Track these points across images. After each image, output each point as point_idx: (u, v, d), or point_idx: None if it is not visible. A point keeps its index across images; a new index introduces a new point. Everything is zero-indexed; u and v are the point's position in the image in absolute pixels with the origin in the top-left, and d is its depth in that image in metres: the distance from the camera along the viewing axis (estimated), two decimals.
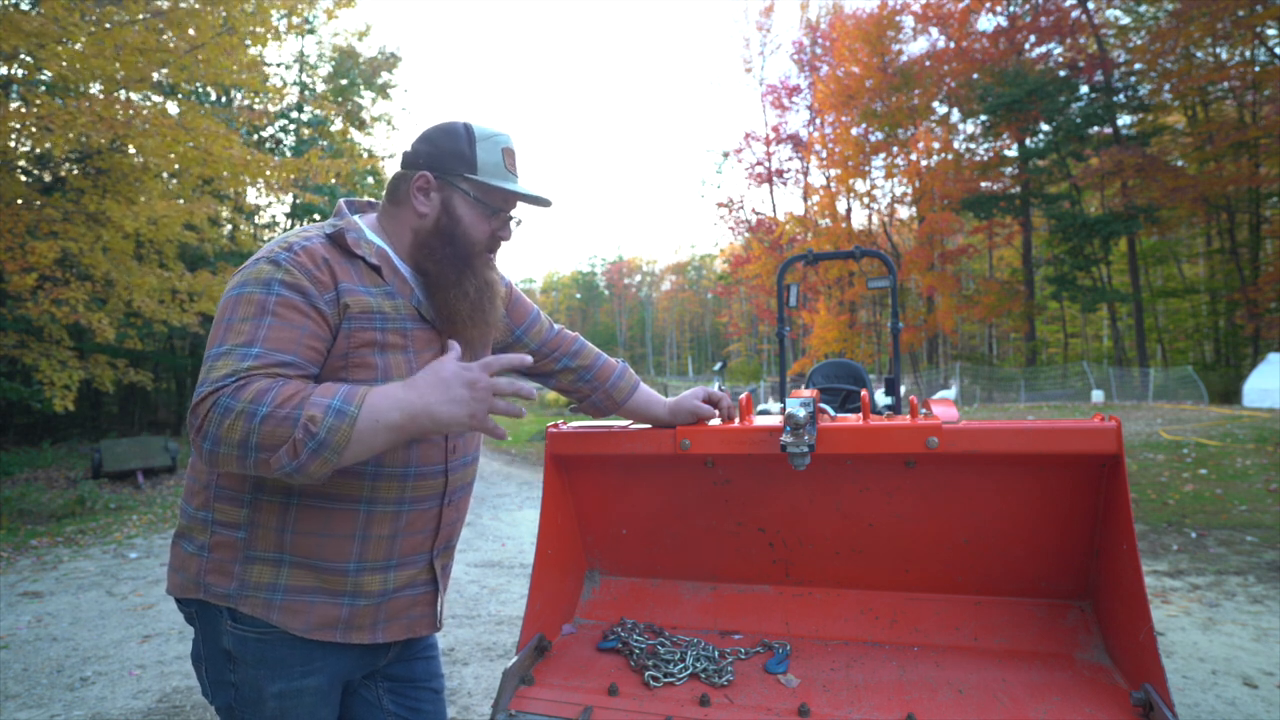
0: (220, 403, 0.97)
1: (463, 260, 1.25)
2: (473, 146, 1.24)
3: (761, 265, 34.59)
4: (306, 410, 0.97)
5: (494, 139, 1.27)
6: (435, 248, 1.25)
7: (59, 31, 6.85)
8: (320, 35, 21.99)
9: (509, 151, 1.28)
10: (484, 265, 1.29)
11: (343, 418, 0.98)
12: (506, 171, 1.27)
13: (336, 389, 1.02)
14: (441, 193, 1.25)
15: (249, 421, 0.96)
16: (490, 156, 1.25)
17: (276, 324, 1.07)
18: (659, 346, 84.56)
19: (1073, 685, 1.38)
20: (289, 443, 0.96)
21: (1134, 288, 26.86)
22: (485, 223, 1.28)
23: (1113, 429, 1.36)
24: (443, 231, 1.25)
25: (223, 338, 1.06)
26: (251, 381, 0.99)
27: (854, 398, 4.06)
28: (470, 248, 1.26)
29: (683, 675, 1.49)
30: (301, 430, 0.96)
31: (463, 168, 1.24)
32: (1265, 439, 10.05)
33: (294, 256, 1.12)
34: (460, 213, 1.25)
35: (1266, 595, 4.19)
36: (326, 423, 0.97)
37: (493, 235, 1.30)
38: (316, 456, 0.97)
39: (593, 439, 1.66)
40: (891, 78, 30.77)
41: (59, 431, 15.85)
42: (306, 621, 1.16)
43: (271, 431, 0.96)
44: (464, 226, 1.25)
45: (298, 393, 0.99)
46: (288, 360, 1.06)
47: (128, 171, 8.92)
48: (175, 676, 3.46)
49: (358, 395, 1.01)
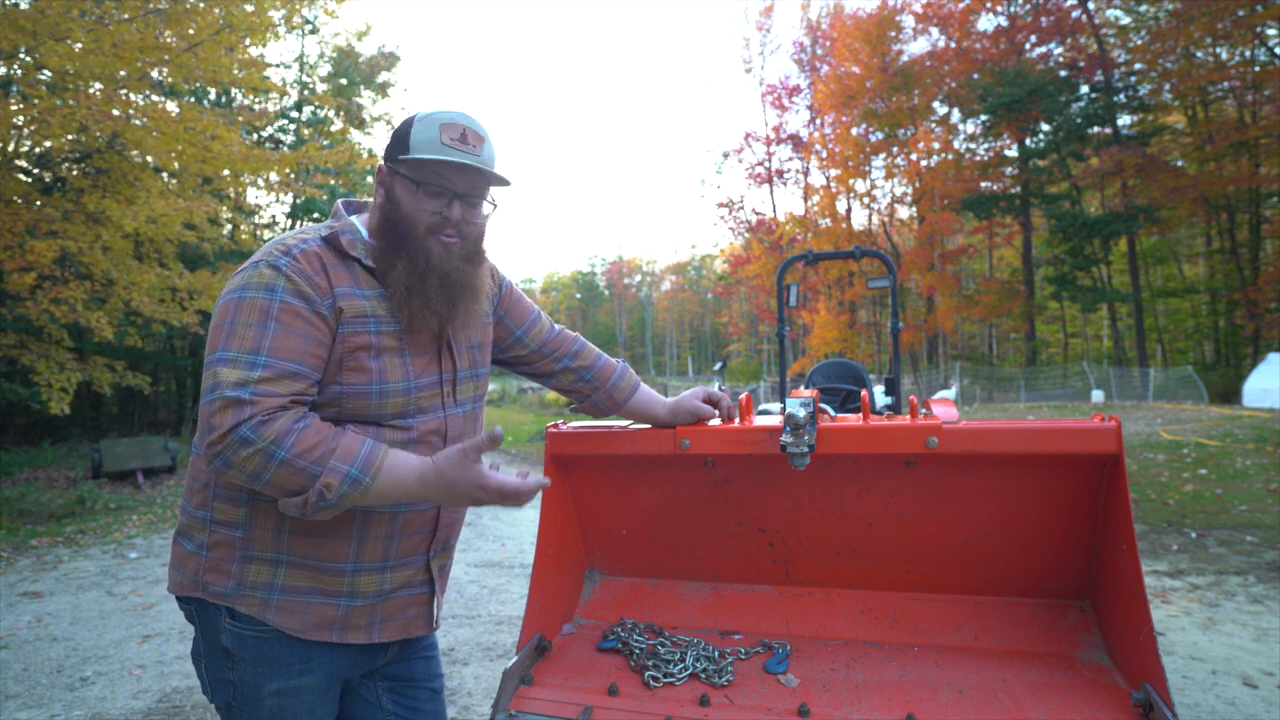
0: (240, 433, 1.00)
1: (397, 245, 1.18)
2: (409, 127, 1.19)
3: (761, 265, 34.60)
4: (324, 477, 1.03)
5: (433, 116, 1.19)
6: (380, 236, 1.21)
7: (58, 29, 6.85)
8: (321, 35, 21.99)
9: (449, 126, 1.18)
10: (433, 250, 1.20)
11: (356, 486, 1.05)
12: (443, 146, 1.17)
13: (357, 451, 1.06)
14: (387, 182, 1.22)
15: (266, 460, 1.01)
16: (426, 134, 1.17)
17: (281, 331, 1.08)
18: (659, 346, 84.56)
19: (1073, 685, 1.38)
20: (301, 495, 1.05)
21: (1134, 288, 26.87)
22: (423, 203, 1.19)
23: (1113, 429, 1.36)
24: (386, 218, 1.20)
25: (226, 342, 1.06)
26: (274, 418, 1.03)
27: (854, 398, 4.06)
28: (409, 230, 1.19)
29: (683, 675, 1.49)
30: (315, 494, 1.04)
31: (399, 150, 1.19)
32: (1265, 439, 10.05)
33: (294, 262, 1.12)
34: (398, 196, 1.20)
35: (1266, 595, 4.19)
36: (341, 490, 1.04)
37: (437, 216, 1.20)
38: (322, 512, 1.06)
39: (593, 439, 1.66)
40: (892, 78, 30.76)
41: (59, 432, 15.84)
42: (303, 621, 1.17)
43: (286, 478, 1.03)
44: (402, 209, 1.19)
45: (319, 443, 1.04)
46: (295, 370, 1.08)
47: (127, 170, 8.91)
48: (175, 676, 3.46)
49: (374, 464, 1.07)
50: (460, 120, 1.20)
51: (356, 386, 1.15)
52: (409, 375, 1.21)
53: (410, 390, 1.21)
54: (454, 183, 1.20)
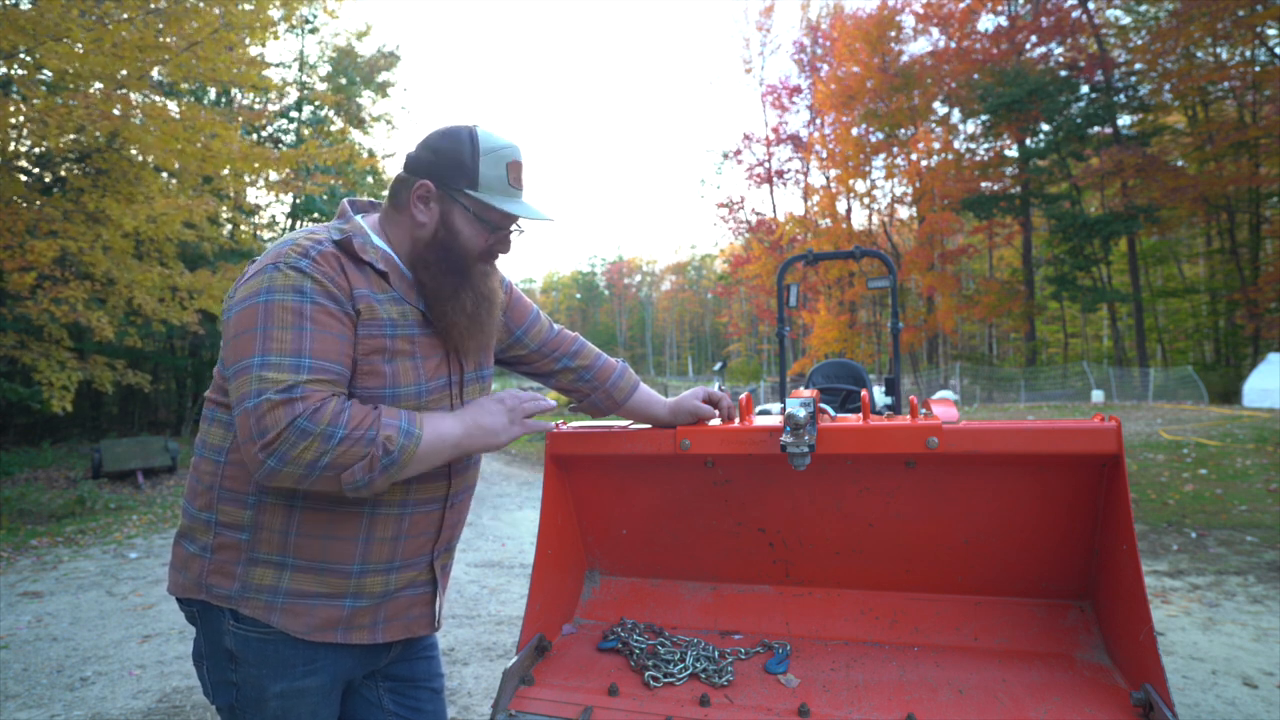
0: (297, 425, 1.01)
1: (458, 274, 1.23)
2: (475, 160, 1.19)
3: (761, 265, 34.59)
4: (381, 431, 1.06)
5: (499, 153, 1.21)
6: (431, 260, 1.22)
7: (58, 29, 6.85)
8: (321, 35, 21.99)
9: (514, 165, 1.23)
10: (481, 277, 1.26)
11: (410, 438, 1.09)
12: (509, 187, 1.22)
13: (399, 412, 1.12)
14: (441, 204, 1.21)
15: (325, 443, 1.02)
16: (493, 171, 1.20)
17: (318, 332, 1.08)
18: (659, 346, 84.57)
19: (1073, 685, 1.38)
20: (365, 459, 1.05)
21: (1134, 288, 26.87)
22: (483, 237, 1.24)
23: (1113, 429, 1.36)
24: (440, 244, 1.22)
25: (263, 347, 1.04)
26: (324, 405, 1.04)
27: (854, 398, 4.06)
28: (466, 262, 1.23)
29: (683, 675, 1.49)
30: (380, 449, 1.06)
31: (464, 182, 1.19)
32: (1265, 439, 10.05)
33: (315, 264, 1.11)
34: (458, 227, 1.22)
35: (1266, 595, 4.19)
36: (400, 442, 1.08)
37: (490, 249, 1.27)
38: (386, 472, 1.07)
39: (593, 439, 1.66)
40: (892, 78, 30.76)
41: (59, 431, 15.84)
42: (307, 623, 1.17)
43: (346, 451, 1.04)
44: (461, 240, 1.22)
45: (367, 415, 1.08)
46: (337, 371, 1.09)
47: (127, 170, 8.91)
48: (175, 676, 3.46)
49: (418, 418, 1.13)
50: (516, 155, 1.25)
51: (370, 390, 1.15)
52: (420, 378, 1.21)
53: (421, 393, 1.21)
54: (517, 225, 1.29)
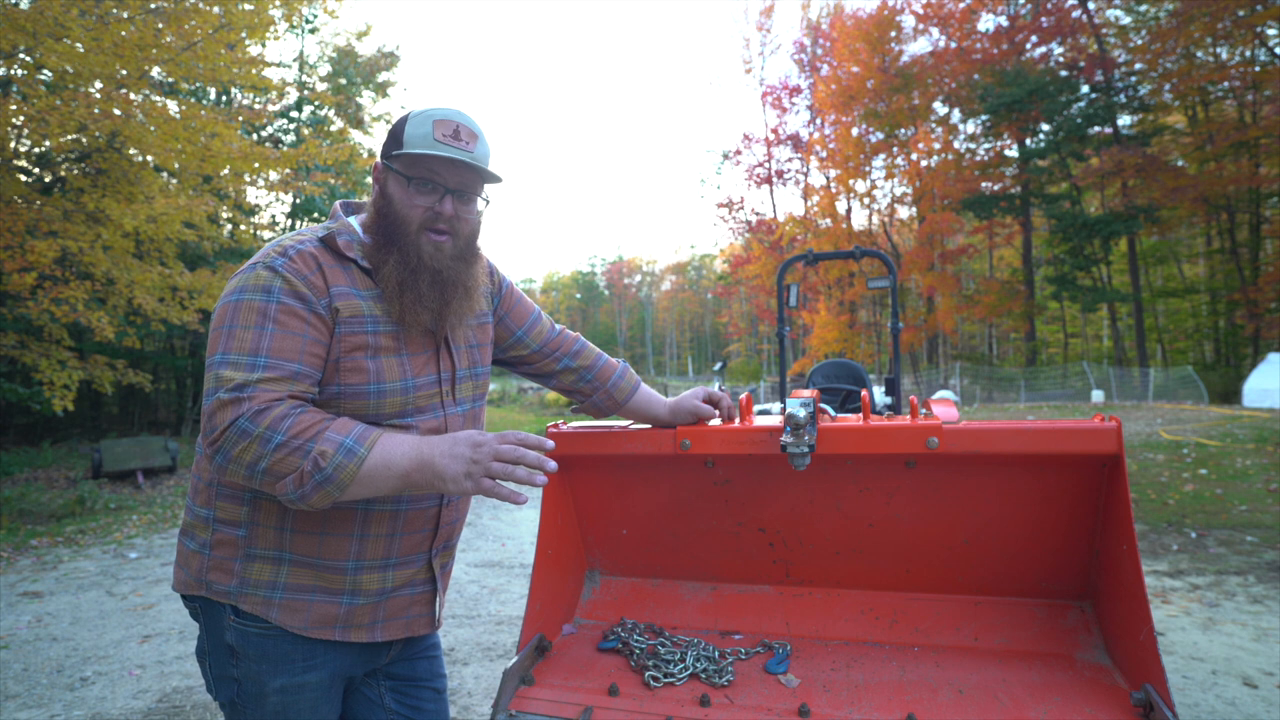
0: (238, 425, 1.00)
1: (391, 239, 1.19)
2: (403, 124, 1.20)
3: (761, 265, 34.59)
4: (319, 445, 1.02)
5: (427, 113, 1.20)
6: (373, 231, 1.22)
7: (58, 29, 6.85)
8: (321, 35, 21.99)
9: (442, 122, 1.18)
10: (423, 247, 1.20)
11: (351, 456, 1.03)
12: (435, 142, 1.17)
13: (351, 427, 1.06)
14: (381, 177, 1.23)
15: (263, 447, 1.00)
16: (419, 129, 1.18)
17: (279, 332, 1.08)
18: (659, 346, 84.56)
19: (1073, 685, 1.38)
20: (296, 472, 1.01)
21: (1134, 288, 26.87)
22: (416, 198, 1.20)
23: (1113, 429, 1.36)
24: (380, 213, 1.22)
25: (225, 345, 1.07)
26: (271, 408, 1.02)
27: (854, 398, 4.06)
28: (401, 226, 1.19)
29: (683, 675, 1.49)
30: (310, 463, 1.01)
31: (393, 146, 1.20)
32: (1265, 439, 10.06)
33: (289, 262, 1.13)
34: (391, 192, 1.21)
35: (1266, 595, 4.19)
36: (335, 460, 1.02)
37: (429, 212, 1.20)
38: (319, 489, 1.02)
39: (593, 439, 1.66)
40: (892, 78, 30.76)
41: (59, 431, 15.84)
42: (305, 619, 1.17)
43: (282, 459, 1.01)
44: (395, 205, 1.20)
45: (314, 424, 1.03)
46: (294, 370, 1.08)
47: (127, 169, 8.91)
48: (175, 676, 3.46)
49: (370, 437, 1.06)
50: (453, 117, 1.20)
51: (354, 386, 1.15)
52: (406, 374, 1.21)
53: (408, 390, 1.21)
54: (445, 178, 1.20)
